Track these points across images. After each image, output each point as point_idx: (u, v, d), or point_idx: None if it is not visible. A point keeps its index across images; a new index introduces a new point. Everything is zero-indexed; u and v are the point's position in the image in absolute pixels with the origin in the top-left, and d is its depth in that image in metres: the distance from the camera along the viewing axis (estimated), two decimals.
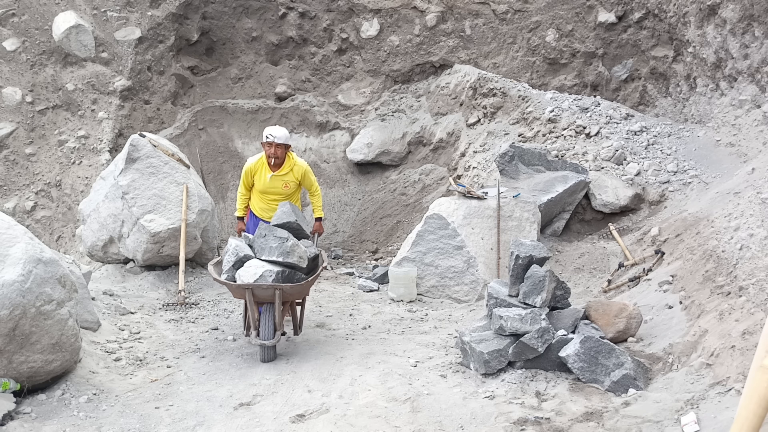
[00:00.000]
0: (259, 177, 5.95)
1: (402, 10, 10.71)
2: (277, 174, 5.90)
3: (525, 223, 7.07)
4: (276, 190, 5.95)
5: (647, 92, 9.72)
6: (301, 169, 6.01)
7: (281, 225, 5.28)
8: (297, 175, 5.98)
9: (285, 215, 5.36)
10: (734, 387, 3.76)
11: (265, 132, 5.80)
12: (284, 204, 5.48)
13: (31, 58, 9.79)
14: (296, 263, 5.06)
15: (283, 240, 5.04)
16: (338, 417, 4.07)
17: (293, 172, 5.97)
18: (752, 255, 4.89)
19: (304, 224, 5.45)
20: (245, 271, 5.01)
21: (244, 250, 5.19)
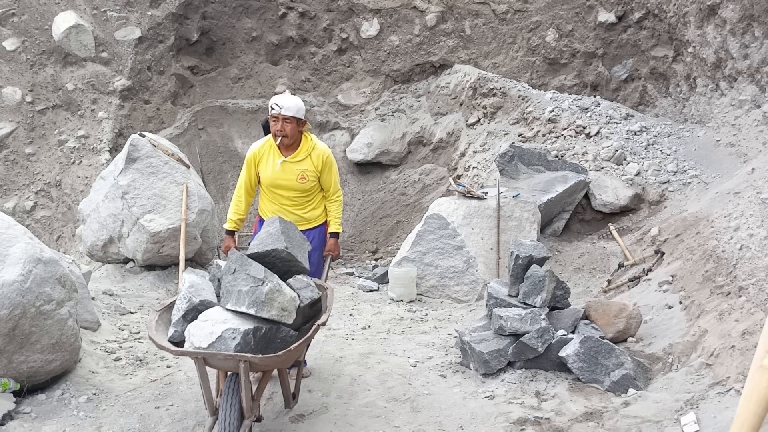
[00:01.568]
0: (265, 165, 4.45)
1: (402, 10, 10.71)
2: (290, 159, 4.39)
3: (525, 223, 7.07)
4: (289, 184, 4.43)
5: (647, 92, 9.72)
6: (322, 155, 4.48)
7: (262, 255, 3.63)
8: (317, 162, 4.45)
9: (270, 239, 3.68)
10: (734, 387, 3.76)
11: (271, 101, 4.33)
12: (273, 220, 3.81)
13: (31, 57, 9.78)
14: (276, 318, 3.46)
15: (257, 282, 3.41)
16: (338, 417, 4.07)
17: (312, 158, 4.44)
18: (752, 255, 4.89)
19: (302, 251, 3.84)
20: (198, 329, 3.40)
21: (201, 292, 3.61)
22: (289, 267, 3.71)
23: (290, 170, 4.42)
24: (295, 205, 4.51)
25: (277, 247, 3.62)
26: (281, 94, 4.39)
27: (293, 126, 4.33)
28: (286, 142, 4.36)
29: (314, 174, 4.46)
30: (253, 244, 3.72)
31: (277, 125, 4.30)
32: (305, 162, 4.44)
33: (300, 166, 4.43)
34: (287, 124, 4.30)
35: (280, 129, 4.30)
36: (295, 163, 4.42)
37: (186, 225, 7.01)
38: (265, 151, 4.47)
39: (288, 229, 3.78)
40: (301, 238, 3.87)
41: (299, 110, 4.34)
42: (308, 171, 4.43)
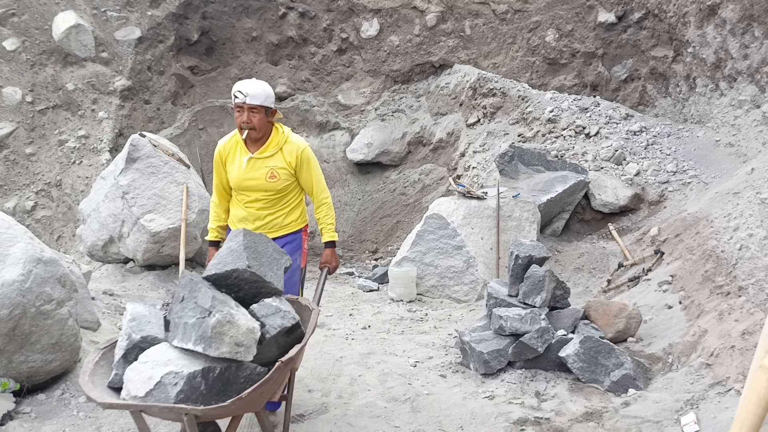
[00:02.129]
0: (231, 163, 3.88)
1: (402, 10, 10.71)
2: (257, 155, 3.80)
3: (524, 223, 7.07)
4: (257, 184, 3.83)
5: (647, 92, 9.72)
6: (296, 149, 3.85)
7: (222, 277, 3.02)
8: (290, 158, 3.83)
9: (232, 257, 3.06)
10: (734, 387, 3.76)
11: (234, 89, 3.77)
12: (237, 234, 3.21)
13: (31, 57, 9.78)
14: (229, 356, 2.77)
15: (203, 313, 2.77)
16: (338, 417, 4.08)
17: (284, 153, 3.83)
18: (752, 255, 4.90)
19: (276, 267, 3.23)
20: (136, 373, 2.79)
21: (144, 326, 3.01)
22: (258, 289, 3.08)
23: (258, 168, 3.80)
24: (265, 208, 3.88)
25: (238, 266, 2.98)
26: (245, 80, 3.80)
27: (261, 116, 3.73)
28: (254, 136, 3.75)
29: (287, 172, 3.83)
30: (211, 264, 3.10)
31: (242, 116, 3.71)
32: (275, 158, 3.81)
33: (269, 162, 3.80)
34: (254, 114, 3.71)
35: (246, 120, 3.70)
36: (263, 160, 3.79)
37: (186, 225, 7.01)
38: (231, 148, 3.89)
39: (256, 244, 3.15)
40: (275, 252, 3.26)
41: (267, 97, 3.75)
42: (279, 168, 3.80)
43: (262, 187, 3.83)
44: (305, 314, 3.36)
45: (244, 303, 3.06)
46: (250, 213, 3.89)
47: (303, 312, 3.38)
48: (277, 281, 3.15)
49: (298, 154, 3.84)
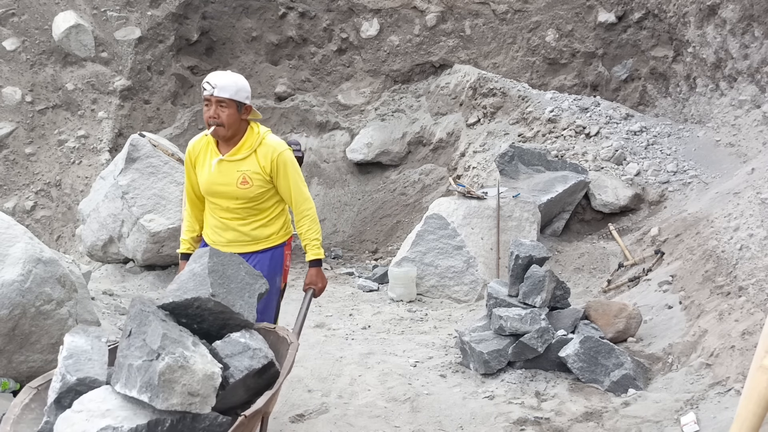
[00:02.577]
0: (201, 166, 3.43)
1: (402, 10, 10.71)
2: (228, 158, 3.34)
3: (525, 223, 7.06)
4: (227, 190, 3.36)
5: (647, 92, 9.72)
6: (271, 153, 3.35)
7: (181, 306, 2.55)
8: (264, 162, 3.35)
9: (193, 282, 2.59)
10: (734, 387, 3.76)
11: (204, 81, 3.36)
12: (202, 254, 2.76)
13: (31, 57, 9.78)
14: (180, 408, 2.24)
15: (151, 354, 2.24)
16: (338, 417, 4.07)
17: (258, 156, 3.35)
18: (752, 255, 4.89)
19: (248, 294, 2.74)
20: (67, 425, 2.24)
21: (83, 365, 2.43)
22: (224, 321, 2.61)
23: (228, 172, 3.32)
24: (237, 218, 3.40)
25: (200, 295, 2.50)
26: (216, 72, 3.38)
27: (231, 112, 3.26)
28: (222, 133, 3.28)
29: (261, 178, 3.33)
30: (170, 289, 2.62)
31: (209, 110, 3.26)
32: (248, 161, 3.32)
33: (241, 166, 3.32)
34: (223, 108, 3.24)
35: (213, 115, 3.25)
36: (234, 163, 3.32)
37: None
38: (201, 149, 3.42)
39: (224, 266, 2.67)
40: (248, 276, 2.77)
41: (239, 91, 3.28)
42: (251, 173, 3.31)
43: (234, 194, 3.34)
44: (283, 347, 2.78)
45: (208, 336, 2.59)
46: (223, 223, 3.42)
47: (280, 345, 2.80)
48: (248, 311, 2.67)
49: (273, 158, 3.31)
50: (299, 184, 3.44)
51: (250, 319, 2.69)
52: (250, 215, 3.42)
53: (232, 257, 2.80)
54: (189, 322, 2.58)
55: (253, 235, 3.44)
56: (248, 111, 3.36)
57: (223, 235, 3.42)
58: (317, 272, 3.54)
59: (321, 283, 3.55)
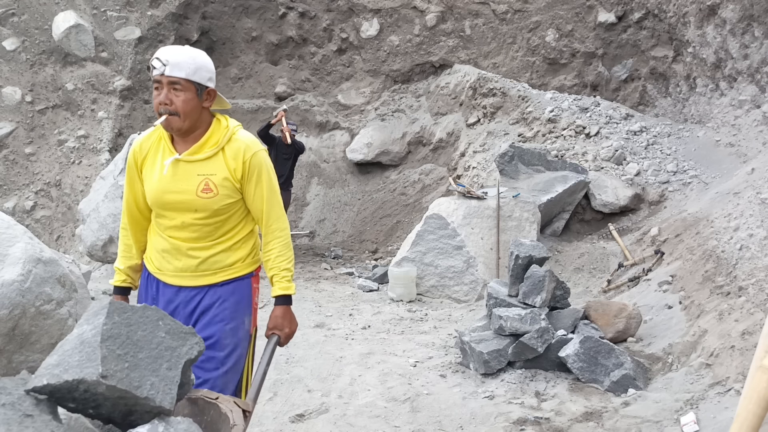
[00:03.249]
0: (150, 169, 2.60)
1: (402, 10, 10.71)
2: (186, 157, 2.52)
3: (525, 223, 7.06)
4: (183, 200, 2.53)
5: (647, 92, 9.72)
6: (243, 152, 2.55)
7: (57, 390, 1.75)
8: (235, 164, 2.55)
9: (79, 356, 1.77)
10: (734, 387, 3.76)
11: (153, 57, 2.50)
12: (98, 310, 1.91)
13: (31, 57, 9.78)
14: None
15: None
16: (338, 417, 4.07)
17: (226, 156, 2.55)
18: (752, 255, 4.89)
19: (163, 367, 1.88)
20: None
21: None
22: (128, 407, 1.83)
23: (186, 176, 2.50)
24: (193, 239, 2.55)
25: (84, 376, 1.71)
26: (170, 46, 2.53)
27: (189, 97, 2.43)
28: (177, 125, 2.44)
29: (230, 184, 2.51)
30: (47, 363, 1.88)
31: (159, 95, 2.43)
32: (213, 162, 2.52)
33: (203, 168, 2.51)
34: (177, 92, 2.42)
35: (164, 101, 2.42)
36: (194, 164, 2.50)
37: None
38: (151, 147, 2.60)
39: (130, 327, 1.91)
40: (170, 337, 1.98)
41: (199, 69, 2.46)
42: (216, 178, 2.50)
43: (192, 205, 2.50)
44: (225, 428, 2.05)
45: (111, 421, 1.93)
46: (174, 245, 2.56)
47: (222, 425, 2.06)
48: (163, 391, 1.85)
49: (245, 158, 2.52)
50: (274, 197, 2.61)
51: (166, 402, 1.84)
52: (211, 235, 2.56)
53: (146, 311, 1.95)
54: (80, 407, 1.85)
55: (212, 262, 2.57)
56: (212, 97, 2.54)
57: (172, 262, 2.56)
58: (285, 312, 2.63)
59: (289, 328, 2.64)
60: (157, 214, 2.61)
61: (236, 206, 2.60)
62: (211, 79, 2.54)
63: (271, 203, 2.62)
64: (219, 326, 2.57)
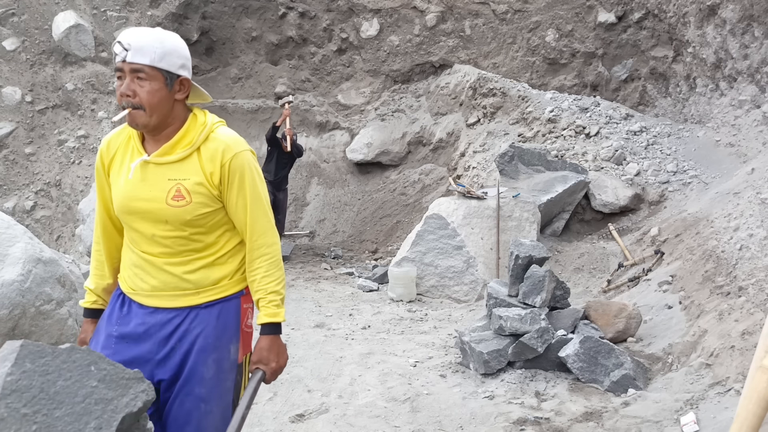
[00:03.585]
0: (117, 172, 2.27)
1: (402, 10, 10.71)
2: (156, 159, 2.16)
3: (525, 223, 7.06)
4: (152, 208, 2.16)
5: (647, 92, 9.72)
6: (223, 152, 2.15)
7: None
8: (212, 167, 2.15)
9: None
10: (734, 387, 3.76)
11: (115, 41, 2.11)
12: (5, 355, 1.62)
13: (31, 57, 9.78)
14: None
15: None
16: (338, 417, 4.07)
17: (203, 157, 2.16)
18: (752, 255, 4.89)
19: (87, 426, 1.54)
20: None
21: None
22: None
23: (155, 180, 2.14)
24: (168, 254, 2.19)
25: None
26: (135, 28, 2.19)
27: (156, 88, 2.07)
28: (142, 120, 2.09)
29: (205, 190, 2.14)
30: None
31: (121, 84, 2.07)
32: (187, 164, 2.14)
33: (175, 171, 2.14)
34: (141, 81, 2.06)
35: (126, 92, 2.06)
36: (164, 167, 2.14)
37: None
38: (119, 147, 2.25)
39: (47, 377, 1.55)
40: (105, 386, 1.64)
41: (168, 55, 2.08)
42: (189, 183, 2.12)
43: (161, 215, 2.13)
44: None
45: None
46: (147, 261, 2.21)
47: None
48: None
49: (224, 161, 2.13)
50: (259, 206, 2.21)
51: None
52: (188, 250, 2.20)
53: (72, 354, 1.59)
54: None
55: (191, 280, 2.20)
56: (185, 88, 2.15)
57: (147, 280, 2.21)
58: (272, 344, 2.24)
59: (276, 362, 2.26)
60: (126, 225, 2.26)
61: (215, 216, 2.20)
62: (185, 66, 2.15)
63: (255, 214, 2.21)
64: (200, 357, 2.15)
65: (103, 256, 2.38)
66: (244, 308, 2.30)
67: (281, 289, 2.25)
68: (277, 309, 2.23)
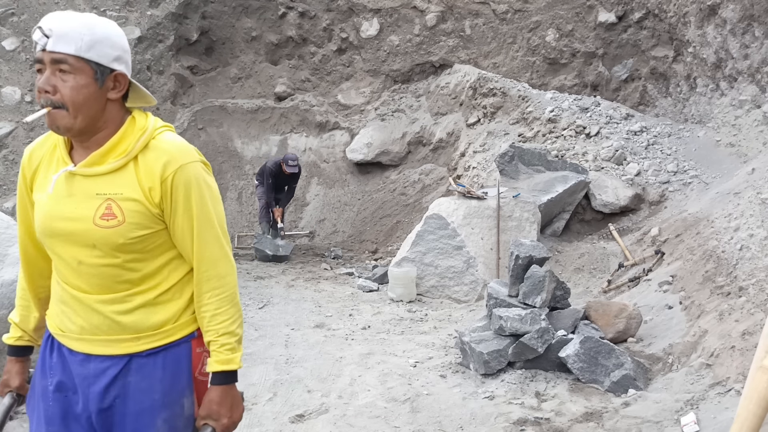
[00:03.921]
0: (41, 187, 1.81)
1: (402, 10, 10.71)
2: (82, 170, 1.74)
3: (525, 223, 7.06)
4: (76, 231, 1.73)
5: (647, 92, 9.72)
6: (167, 163, 1.77)
7: None
8: (151, 182, 1.75)
9: None
10: (734, 387, 3.76)
11: (36, 26, 1.70)
12: None
13: (31, 57, 9.77)
14: None
15: None
16: (338, 417, 4.07)
17: (140, 168, 1.76)
18: (752, 255, 4.89)
19: None
20: None
21: None
22: None
23: (81, 196, 1.76)
24: (98, 287, 1.80)
25: None
26: (59, 12, 1.78)
27: (82, 83, 1.71)
28: (64, 122, 1.71)
29: (143, 209, 1.76)
30: None
31: (41, 78, 1.71)
32: (120, 176, 1.76)
33: (105, 185, 1.76)
34: (64, 75, 1.70)
35: (45, 87, 1.70)
36: (92, 179, 1.76)
37: None
38: (44, 157, 1.86)
39: None
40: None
41: (97, 44, 1.71)
42: (123, 199, 1.75)
43: (88, 238, 1.74)
44: None
45: None
46: (73, 297, 1.81)
47: None
48: None
49: (166, 174, 1.76)
50: (209, 228, 1.83)
51: None
52: (122, 282, 1.79)
53: None
54: None
55: (127, 323, 1.80)
56: (121, 85, 1.78)
57: (74, 320, 1.81)
58: (223, 396, 1.86)
59: (228, 417, 1.86)
60: (49, 252, 1.84)
61: (155, 240, 1.80)
62: (120, 59, 1.76)
63: (204, 239, 1.82)
64: (145, 419, 1.81)
65: (30, 283, 1.98)
66: (197, 353, 1.90)
67: (236, 329, 1.87)
68: (231, 354, 1.85)
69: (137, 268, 1.80)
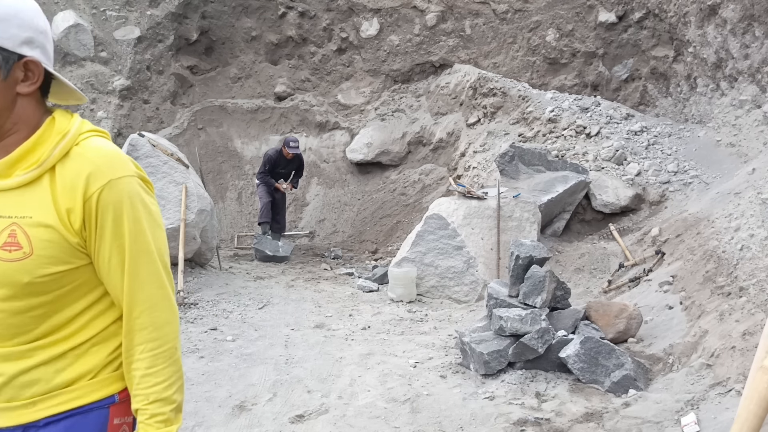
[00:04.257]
0: None
1: (402, 10, 10.70)
2: None
3: (525, 223, 7.05)
4: None
5: (647, 92, 9.71)
6: (90, 177, 1.35)
7: None
8: (70, 200, 1.34)
9: None
10: (734, 388, 3.75)
11: None
12: None
13: None
14: None
15: None
16: (337, 417, 4.06)
17: (57, 183, 1.35)
18: (753, 255, 4.88)
19: None
20: None
21: None
22: None
23: None
24: None
25: None
26: None
27: None
28: None
29: (57, 237, 1.36)
30: None
31: None
32: (31, 193, 1.37)
33: (10, 204, 1.37)
34: None
35: None
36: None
37: (185, 225, 7.00)
38: None
39: None
40: None
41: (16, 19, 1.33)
42: (32, 224, 1.35)
43: None
44: None
45: None
46: None
47: None
48: None
49: (90, 192, 1.38)
50: (147, 262, 1.49)
51: None
52: (27, 331, 1.41)
53: None
54: None
55: (26, 382, 1.43)
56: (35, 75, 1.39)
57: None
58: None
59: None
60: None
61: (75, 280, 1.41)
62: (33, 42, 1.37)
63: (137, 276, 1.44)
64: None
65: None
66: (115, 425, 1.48)
67: (173, 395, 1.45)
68: (164, 428, 1.43)
69: (47, 315, 1.38)
